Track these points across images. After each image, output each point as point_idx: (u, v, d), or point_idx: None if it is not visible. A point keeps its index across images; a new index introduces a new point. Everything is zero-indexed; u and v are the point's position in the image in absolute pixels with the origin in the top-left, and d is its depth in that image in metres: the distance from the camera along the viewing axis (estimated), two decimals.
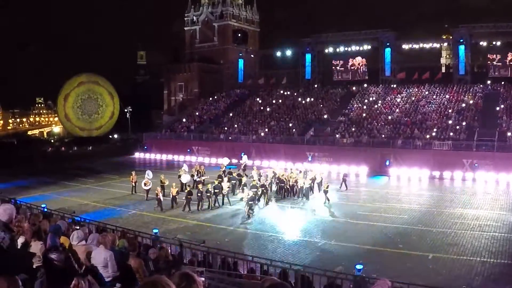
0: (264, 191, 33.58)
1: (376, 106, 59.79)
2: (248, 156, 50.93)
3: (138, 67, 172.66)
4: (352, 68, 71.60)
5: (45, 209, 24.63)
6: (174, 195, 32.94)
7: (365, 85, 68.37)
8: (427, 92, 60.38)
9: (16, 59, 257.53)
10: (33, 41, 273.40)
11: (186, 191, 34.08)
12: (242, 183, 36.16)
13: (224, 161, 46.40)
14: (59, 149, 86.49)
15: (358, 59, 71.12)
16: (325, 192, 33.55)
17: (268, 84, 78.70)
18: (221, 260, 17.24)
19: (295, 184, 35.68)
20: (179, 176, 36.32)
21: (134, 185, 38.46)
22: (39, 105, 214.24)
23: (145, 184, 35.77)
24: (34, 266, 6.31)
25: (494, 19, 63.61)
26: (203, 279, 10.81)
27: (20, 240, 7.37)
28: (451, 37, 66.18)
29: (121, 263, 8.89)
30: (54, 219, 14.57)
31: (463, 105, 54.20)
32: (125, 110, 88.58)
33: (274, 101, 69.96)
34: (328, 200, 33.27)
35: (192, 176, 39.40)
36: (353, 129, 54.48)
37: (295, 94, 71.26)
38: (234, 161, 50.83)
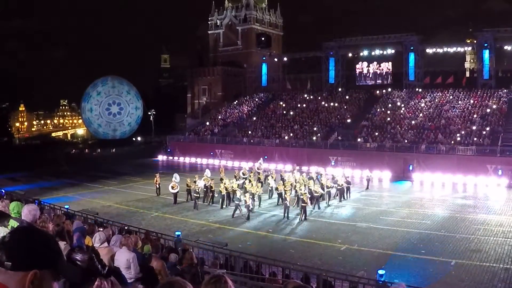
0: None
1: (399, 110, 59.51)
2: (271, 160, 51.20)
3: (162, 70, 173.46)
4: (376, 72, 71.38)
5: (68, 210, 24.96)
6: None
7: (389, 89, 68.17)
8: (451, 97, 59.92)
9: (41, 61, 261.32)
10: (59, 44, 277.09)
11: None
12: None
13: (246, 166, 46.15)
14: (83, 151, 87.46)
15: (382, 63, 70.87)
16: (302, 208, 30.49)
17: (292, 88, 78.73)
18: (243, 263, 17.34)
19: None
20: (195, 182, 35.62)
21: (158, 187, 38.58)
22: (63, 107, 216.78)
23: (172, 188, 35.27)
24: None
25: None
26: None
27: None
28: (475, 41, 65.64)
29: (143, 265, 9.03)
30: (77, 220, 14.78)
31: (488, 110, 53.73)
32: (149, 113, 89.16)
33: (298, 105, 69.98)
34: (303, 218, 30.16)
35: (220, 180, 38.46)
36: (377, 133, 54.31)
37: (319, 98, 71.18)
38: (257, 165, 50.81)
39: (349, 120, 60.94)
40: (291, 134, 60.16)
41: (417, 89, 65.42)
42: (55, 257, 2.15)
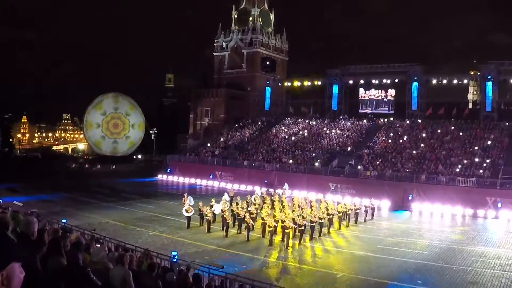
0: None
1: (401, 140, 59.55)
2: (271, 184, 51.20)
3: (165, 89, 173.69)
4: (379, 101, 71.55)
5: (66, 224, 24.92)
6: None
7: (391, 118, 68.32)
8: (453, 128, 59.97)
9: (46, 74, 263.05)
10: (65, 60, 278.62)
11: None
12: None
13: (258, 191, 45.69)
14: (83, 166, 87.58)
15: (385, 92, 71.09)
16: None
17: (294, 113, 78.90)
18: (239, 287, 17.30)
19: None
20: (211, 206, 34.69)
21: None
22: (66, 121, 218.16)
23: (187, 211, 34.18)
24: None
25: None
26: None
27: (40, 254, 7.49)
28: (478, 73, 65.78)
29: (138, 283, 9.01)
30: (74, 234, 14.78)
31: (489, 142, 53.76)
32: (151, 132, 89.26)
33: (299, 131, 70.09)
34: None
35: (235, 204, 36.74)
36: (377, 162, 54.26)
37: (321, 124, 71.35)
38: (257, 187, 50.72)
39: (350, 148, 60.92)
40: (291, 161, 60.05)
41: (419, 119, 65.53)
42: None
